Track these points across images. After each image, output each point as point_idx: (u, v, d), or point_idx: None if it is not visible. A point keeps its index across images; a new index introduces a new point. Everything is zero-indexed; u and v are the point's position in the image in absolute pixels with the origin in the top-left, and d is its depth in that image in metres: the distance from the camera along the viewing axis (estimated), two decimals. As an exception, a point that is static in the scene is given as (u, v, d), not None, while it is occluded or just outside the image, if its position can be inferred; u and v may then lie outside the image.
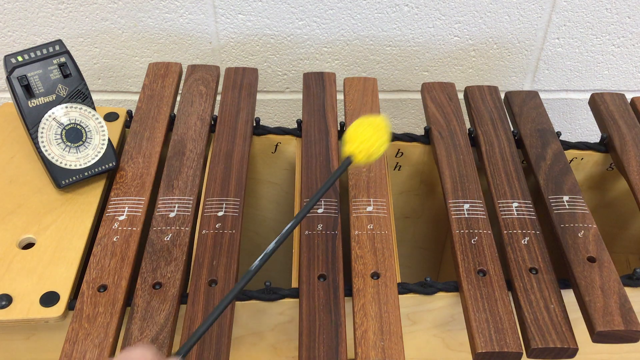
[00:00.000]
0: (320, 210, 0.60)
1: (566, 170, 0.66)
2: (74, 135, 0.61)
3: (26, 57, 0.60)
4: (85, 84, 0.62)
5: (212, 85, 0.75)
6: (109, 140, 0.63)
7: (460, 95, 0.76)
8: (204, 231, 0.58)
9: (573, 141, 0.72)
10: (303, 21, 0.87)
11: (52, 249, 0.57)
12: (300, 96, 0.77)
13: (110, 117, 0.71)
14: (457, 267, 0.56)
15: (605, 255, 0.57)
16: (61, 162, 0.61)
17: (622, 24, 0.89)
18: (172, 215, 0.60)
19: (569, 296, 0.54)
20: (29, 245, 0.58)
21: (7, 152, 0.67)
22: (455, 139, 0.69)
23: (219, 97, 0.74)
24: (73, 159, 0.62)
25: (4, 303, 0.52)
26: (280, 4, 0.85)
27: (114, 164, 0.64)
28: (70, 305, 0.53)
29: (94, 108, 0.62)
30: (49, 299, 0.53)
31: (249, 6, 0.85)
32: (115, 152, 0.64)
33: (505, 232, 0.59)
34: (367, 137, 0.51)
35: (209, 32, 0.87)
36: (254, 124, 0.71)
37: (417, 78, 0.94)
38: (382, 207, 0.61)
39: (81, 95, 0.62)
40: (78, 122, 0.62)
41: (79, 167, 0.62)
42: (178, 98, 0.74)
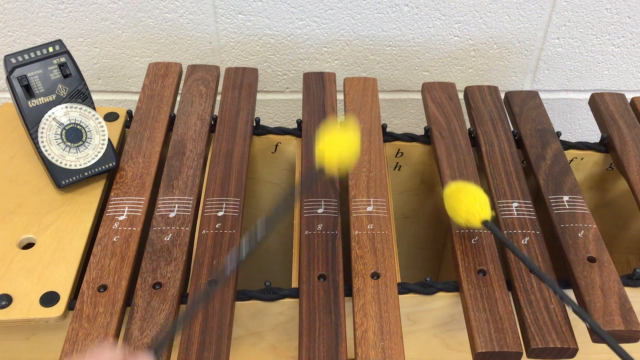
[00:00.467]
0: (320, 210, 0.60)
1: (566, 170, 0.66)
2: (74, 135, 0.61)
3: (26, 57, 0.60)
4: (85, 84, 0.62)
5: (212, 85, 0.75)
6: (109, 140, 0.63)
7: (461, 95, 0.76)
8: (204, 231, 0.58)
9: (573, 141, 0.72)
10: (303, 21, 0.87)
11: (52, 249, 0.57)
12: (300, 96, 0.77)
13: (110, 117, 0.71)
14: (457, 267, 0.56)
15: (605, 255, 0.57)
16: (61, 162, 0.61)
17: (622, 24, 0.89)
18: (172, 215, 0.60)
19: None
20: (29, 245, 0.58)
21: (7, 152, 0.67)
22: (456, 139, 0.69)
23: (219, 97, 0.74)
24: (73, 159, 0.62)
25: (4, 303, 0.52)
26: (280, 4, 0.85)
27: (114, 164, 0.64)
28: (70, 305, 0.53)
29: (94, 108, 0.62)
30: (49, 299, 0.53)
31: (249, 6, 0.85)
32: (115, 152, 0.64)
33: (505, 232, 0.59)
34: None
35: (209, 32, 0.87)
36: (254, 124, 0.71)
37: (417, 78, 0.94)
38: (382, 207, 0.61)
39: (81, 95, 0.62)
40: (78, 122, 0.62)
41: (79, 167, 0.62)
42: (178, 98, 0.74)
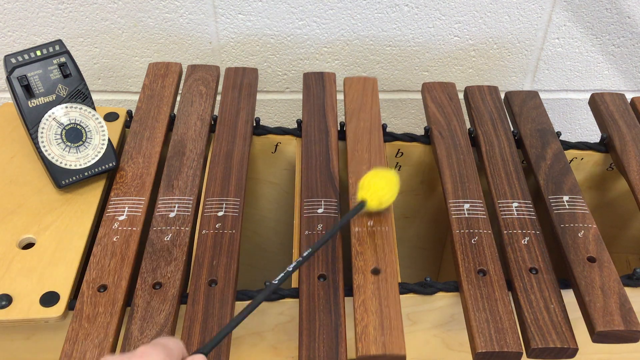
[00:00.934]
0: (320, 210, 0.60)
1: (566, 170, 0.66)
2: (74, 135, 0.61)
3: (26, 57, 0.60)
4: (85, 84, 0.62)
5: (212, 85, 0.75)
6: (109, 140, 0.63)
7: (461, 95, 0.76)
8: (204, 231, 0.58)
9: (573, 141, 0.72)
10: (303, 21, 0.87)
11: (52, 249, 0.57)
12: (300, 96, 0.77)
13: (110, 117, 0.71)
14: (458, 267, 0.56)
15: (605, 255, 0.57)
16: (61, 162, 0.61)
17: (622, 24, 0.89)
18: (172, 215, 0.60)
19: (569, 296, 0.54)
20: (29, 245, 0.58)
21: (7, 152, 0.67)
22: (456, 139, 0.69)
23: (219, 97, 0.74)
24: (73, 159, 0.62)
25: (4, 303, 0.52)
26: (280, 4, 0.85)
27: (114, 164, 0.64)
28: (70, 305, 0.53)
29: (94, 108, 0.62)
30: (49, 299, 0.53)
31: (249, 6, 0.85)
32: (115, 152, 0.64)
33: (505, 232, 0.59)
34: (380, 187, 0.58)
35: (209, 32, 0.87)
36: (254, 124, 0.71)
37: (417, 78, 0.94)
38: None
39: (81, 95, 0.62)
40: (78, 122, 0.62)
41: (79, 167, 0.62)
42: (178, 98, 0.74)
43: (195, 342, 0.49)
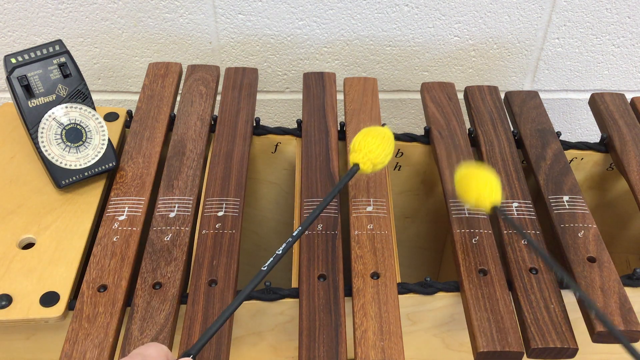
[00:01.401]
0: (320, 210, 0.60)
1: (566, 170, 0.66)
2: (74, 135, 0.61)
3: (26, 57, 0.60)
4: (85, 84, 0.62)
5: (212, 85, 0.75)
6: (109, 140, 0.63)
7: (460, 95, 0.76)
8: (204, 231, 0.58)
9: (573, 141, 0.72)
10: (303, 21, 0.87)
11: (52, 249, 0.57)
12: (300, 96, 0.77)
13: (110, 117, 0.71)
14: (458, 266, 0.56)
15: (605, 255, 0.57)
16: (61, 162, 0.61)
17: (622, 24, 0.89)
18: (172, 215, 0.60)
19: (569, 296, 0.54)
20: (29, 245, 0.58)
21: (7, 152, 0.67)
22: (455, 139, 0.69)
23: (219, 97, 0.74)
24: (73, 159, 0.62)
25: (4, 303, 0.52)
26: (280, 4, 0.85)
27: (114, 164, 0.64)
28: (70, 305, 0.53)
29: (94, 108, 0.62)
30: (49, 299, 0.53)
31: (249, 6, 0.85)
32: (115, 152, 0.64)
33: (505, 232, 0.59)
34: (373, 148, 0.54)
35: (209, 32, 0.87)
36: (254, 124, 0.71)
37: (417, 78, 0.94)
38: (382, 207, 0.61)
39: (81, 95, 0.62)
40: (78, 122, 0.62)
41: (79, 167, 0.62)
42: (178, 98, 0.74)
43: (195, 342, 0.49)
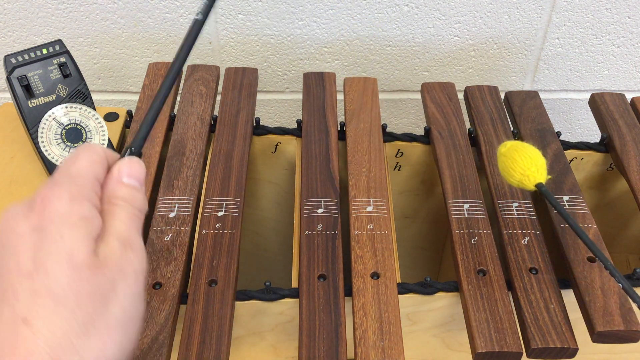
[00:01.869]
0: (320, 210, 0.60)
1: (566, 170, 0.66)
2: (74, 135, 0.62)
3: (26, 57, 0.60)
4: (85, 84, 0.62)
5: (212, 85, 0.75)
6: (109, 140, 0.63)
7: (460, 95, 0.76)
8: (204, 231, 0.58)
9: (573, 141, 0.72)
10: (303, 21, 0.87)
11: (52, 249, 0.57)
12: (300, 96, 0.77)
13: (110, 117, 0.71)
14: (457, 267, 0.56)
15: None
16: (61, 162, 0.61)
17: (622, 24, 0.89)
18: (172, 215, 0.60)
19: (569, 296, 0.54)
20: (29, 245, 0.58)
21: (7, 152, 0.67)
22: (455, 139, 0.69)
23: (219, 97, 0.74)
24: (73, 159, 0.61)
25: (4, 303, 0.52)
26: (280, 4, 0.85)
27: (114, 164, 0.63)
28: (70, 305, 0.53)
29: (94, 108, 0.63)
30: (49, 299, 0.53)
31: (249, 6, 0.85)
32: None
33: (505, 232, 0.59)
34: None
35: (209, 32, 0.87)
36: (254, 124, 0.71)
37: (417, 78, 0.94)
38: (382, 207, 0.61)
39: (81, 95, 0.62)
40: (78, 122, 0.62)
41: (79, 167, 0.62)
42: (178, 98, 0.74)
43: (195, 342, 0.49)
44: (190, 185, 0.63)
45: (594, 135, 1.00)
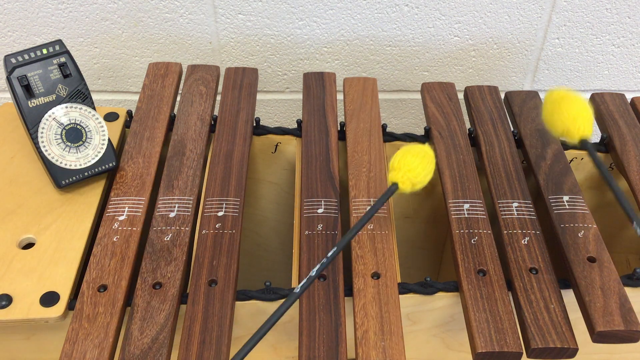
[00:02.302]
0: (320, 210, 0.60)
1: (566, 170, 0.66)
2: (74, 135, 0.62)
3: (26, 57, 0.60)
4: (85, 84, 0.62)
5: (212, 85, 0.75)
6: (109, 140, 0.63)
7: (460, 95, 0.76)
8: (204, 231, 0.58)
9: (573, 141, 0.72)
10: (303, 21, 0.87)
11: (52, 249, 0.57)
12: (300, 96, 0.77)
13: (110, 117, 0.71)
14: (457, 267, 0.56)
15: (605, 255, 0.57)
16: (61, 162, 0.61)
17: (622, 24, 0.89)
18: (172, 215, 0.60)
19: (569, 296, 0.54)
20: (29, 245, 0.58)
21: (7, 152, 0.67)
22: (455, 139, 0.69)
23: (219, 97, 0.74)
24: (73, 159, 0.62)
25: (4, 303, 0.52)
26: (280, 4, 0.85)
27: (114, 164, 0.64)
28: (70, 305, 0.53)
29: (94, 108, 0.62)
30: (49, 299, 0.53)
31: (249, 6, 0.85)
32: (115, 152, 0.64)
33: (505, 232, 0.59)
34: (413, 167, 0.53)
35: (209, 32, 0.87)
36: (254, 124, 0.71)
37: (417, 78, 0.94)
38: (382, 207, 0.61)
39: (81, 95, 0.62)
40: (78, 122, 0.62)
41: (79, 167, 0.62)
42: (178, 98, 0.74)
43: (195, 342, 0.49)
44: (190, 185, 0.63)
45: (594, 135, 1.00)
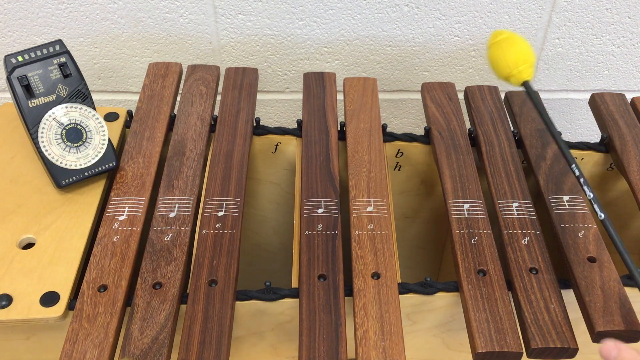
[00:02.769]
0: (320, 210, 0.60)
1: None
2: (74, 135, 0.62)
3: (26, 57, 0.60)
4: (86, 84, 0.62)
5: (212, 85, 0.75)
6: (109, 140, 0.63)
7: (460, 95, 0.76)
8: (204, 231, 0.58)
9: (573, 141, 0.72)
10: (303, 21, 0.87)
11: (52, 249, 0.57)
12: (300, 96, 0.77)
13: (110, 117, 0.71)
14: (457, 267, 0.56)
15: (605, 255, 0.57)
16: (61, 162, 0.61)
17: (622, 24, 0.89)
18: (172, 215, 0.60)
19: (569, 296, 0.54)
20: (29, 245, 0.58)
21: (7, 152, 0.67)
22: (455, 139, 0.69)
23: (219, 97, 0.74)
24: (73, 159, 0.62)
25: (4, 303, 0.52)
26: (280, 4, 0.85)
27: (114, 164, 0.64)
28: (70, 305, 0.53)
29: (94, 108, 0.63)
30: (49, 299, 0.53)
31: (249, 6, 0.85)
32: (115, 152, 0.64)
33: (505, 232, 0.59)
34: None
35: (209, 32, 0.87)
36: (254, 124, 0.71)
37: (417, 78, 0.94)
38: (382, 207, 0.61)
39: (81, 95, 0.62)
40: (78, 122, 0.62)
41: (79, 167, 0.62)
42: (178, 98, 0.74)
43: (195, 342, 0.49)
44: (190, 185, 0.63)
45: (594, 135, 1.00)
